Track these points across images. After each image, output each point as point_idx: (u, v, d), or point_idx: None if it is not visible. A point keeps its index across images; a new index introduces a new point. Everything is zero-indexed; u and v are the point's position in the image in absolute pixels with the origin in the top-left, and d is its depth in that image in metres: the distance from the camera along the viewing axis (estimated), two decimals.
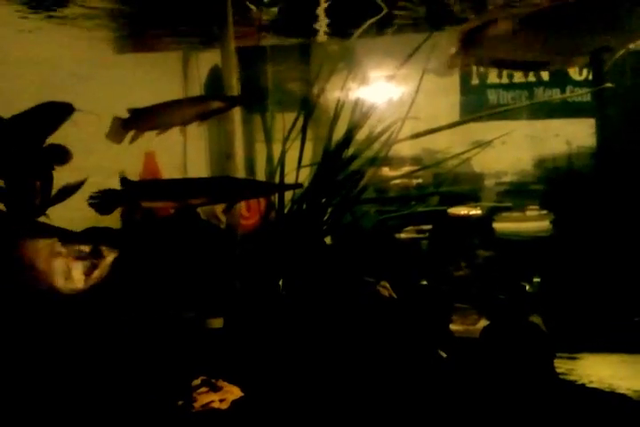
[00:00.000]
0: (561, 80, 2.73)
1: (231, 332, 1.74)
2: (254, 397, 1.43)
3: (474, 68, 2.84)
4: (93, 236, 1.75)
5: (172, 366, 1.55)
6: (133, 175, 2.39)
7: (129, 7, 2.08)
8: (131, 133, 1.72)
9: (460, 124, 1.90)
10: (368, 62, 2.10)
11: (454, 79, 2.76)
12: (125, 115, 1.70)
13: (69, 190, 1.77)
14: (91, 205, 1.63)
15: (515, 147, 2.24)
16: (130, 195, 1.62)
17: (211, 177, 1.90)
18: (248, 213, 2.25)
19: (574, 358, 1.65)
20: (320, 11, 2.24)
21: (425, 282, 1.80)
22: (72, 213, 1.90)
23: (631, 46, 1.77)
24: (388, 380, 1.45)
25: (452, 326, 1.71)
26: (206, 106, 1.71)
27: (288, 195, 1.90)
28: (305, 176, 1.86)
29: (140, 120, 1.71)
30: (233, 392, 1.43)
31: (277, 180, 1.89)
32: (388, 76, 1.89)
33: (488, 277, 1.85)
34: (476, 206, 1.92)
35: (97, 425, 1.36)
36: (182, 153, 2.62)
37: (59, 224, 1.88)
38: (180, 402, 1.40)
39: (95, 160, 1.93)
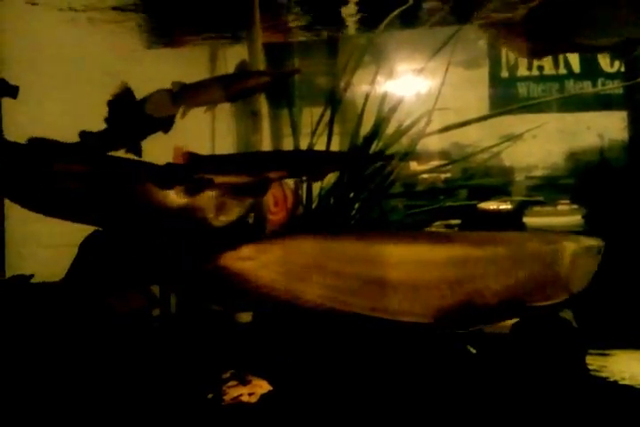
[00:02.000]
0: (592, 72, 2.68)
1: (260, 327, 1.75)
2: (282, 391, 1.43)
3: (503, 59, 2.81)
4: None
5: (203, 360, 1.56)
6: None
7: (158, 4, 2.10)
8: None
9: (489, 117, 1.88)
10: (395, 56, 2.08)
11: (483, 72, 2.74)
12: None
13: None
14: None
15: (545, 140, 2.21)
16: (196, 170, 1.49)
17: (287, 150, 1.81)
18: (276, 207, 2.25)
19: (606, 355, 1.62)
20: (349, 4, 2.23)
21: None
22: None
23: None
24: (418, 375, 1.44)
25: None
26: (248, 81, 1.70)
27: (315, 190, 1.89)
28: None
29: (188, 96, 1.69)
30: (262, 386, 1.44)
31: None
32: (416, 70, 1.87)
33: None
34: (505, 201, 1.89)
35: (133, 415, 1.37)
36: (211, 148, 2.63)
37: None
38: (211, 395, 1.41)
39: (124, 155, 1.95)
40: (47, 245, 1.94)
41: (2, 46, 1.86)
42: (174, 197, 1.41)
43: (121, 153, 1.76)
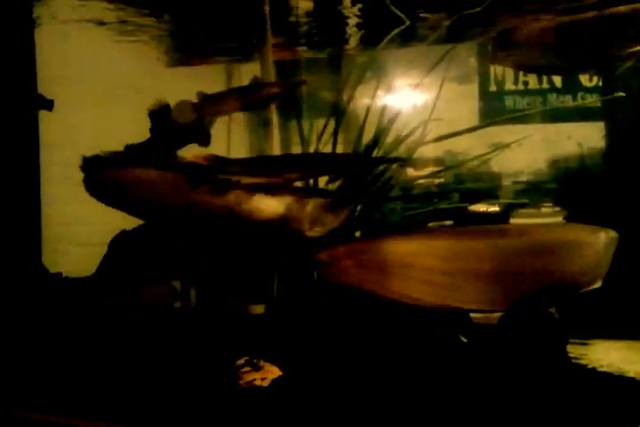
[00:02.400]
0: (573, 86, 2.68)
1: (271, 317, 1.75)
2: (292, 376, 1.44)
3: (492, 75, 2.81)
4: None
5: (220, 347, 1.56)
6: None
7: (178, 25, 2.11)
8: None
9: (479, 128, 1.88)
10: (394, 72, 2.09)
11: (473, 87, 2.74)
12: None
13: None
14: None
15: (530, 148, 2.21)
16: (219, 172, 1.46)
17: (306, 152, 1.79)
18: None
19: (586, 344, 1.62)
20: (350, 24, 2.24)
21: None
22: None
23: None
24: (416, 363, 1.44)
25: (472, 314, 1.69)
26: (261, 91, 1.70)
27: None
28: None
29: (209, 105, 1.69)
30: (273, 372, 1.44)
31: (311, 180, 1.88)
32: (413, 85, 1.88)
33: None
34: (494, 203, 1.89)
35: (159, 399, 1.38)
36: (227, 154, 2.64)
37: (116, 220, 1.91)
38: (226, 380, 1.41)
39: None
40: (80, 243, 1.95)
41: (40, 65, 1.87)
42: (275, 207, 1.38)
43: None
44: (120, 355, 1.55)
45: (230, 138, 2.57)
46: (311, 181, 1.79)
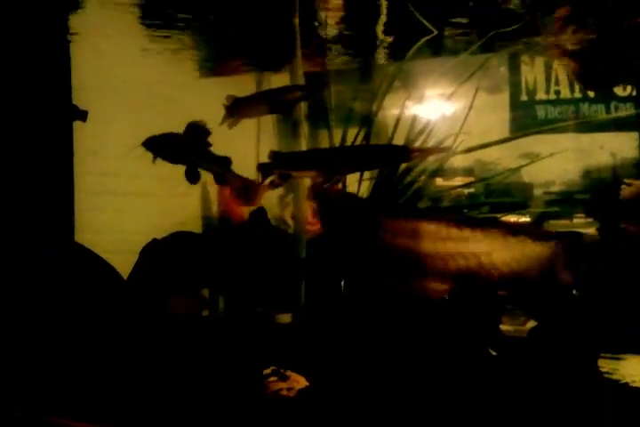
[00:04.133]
0: (606, 96, 2.64)
1: (298, 327, 1.76)
2: (318, 386, 1.44)
3: (523, 84, 2.79)
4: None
5: (247, 356, 1.57)
6: (213, 185, 2.46)
7: (210, 37, 2.15)
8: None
9: (510, 140, 1.87)
10: (423, 82, 2.09)
11: (504, 96, 2.72)
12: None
13: None
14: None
15: (562, 159, 2.18)
16: (279, 166, 1.57)
17: (355, 145, 1.81)
18: (313, 218, 2.26)
19: (618, 359, 1.59)
20: (379, 34, 2.25)
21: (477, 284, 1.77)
22: (161, 220, 1.97)
23: None
24: (442, 374, 1.43)
25: (502, 326, 1.67)
26: (287, 95, 1.74)
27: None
28: (366, 187, 1.86)
29: (239, 108, 1.74)
30: (299, 382, 1.44)
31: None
32: (444, 95, 1.87)
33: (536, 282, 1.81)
34: (525, 214, 1.87)
35: (185, 407, 1.40)
36: (255, 163, 2.66)
37: (147, 228, 1.94)
38: (253, 389, 1.42)
39: (181, 172, 1.99)
40: (112, 251, 1.98)
41: (74, 77, 1.93)
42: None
43: None
44: (150, 362, 1.57)
45: (260, 150, 2.60)
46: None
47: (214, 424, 1.32)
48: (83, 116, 1.78)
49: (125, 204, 2.13)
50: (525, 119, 2.70)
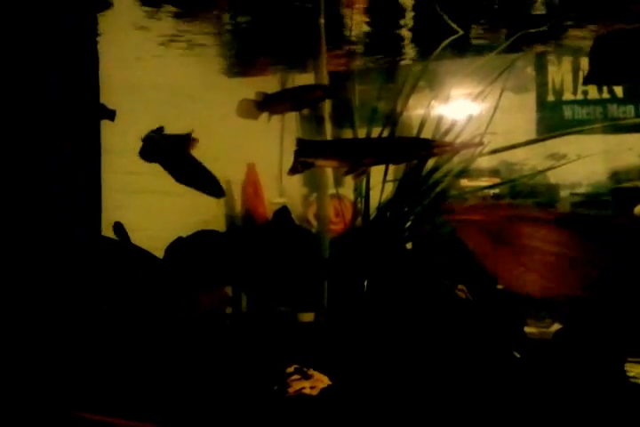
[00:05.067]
0: (634, 97, 2.61)
1: (321, 326, 1.77)
2: (341, 385, 1.44)
3: (550, 84, 2.76)
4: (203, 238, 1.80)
5: (269, 354, 1.58)
6: (237, 184, 2.48)
7: (237, 37, 2.16)
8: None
9: (537, 141, 1.85)
10: (448, 82, 2.08)
11: (530, 96, 2.70)
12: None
13: None
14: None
15: (589, 160, 2.16)
16: (303, 155, 1.54)
17: (383, 137, 1.80)
18: (336, 218, 2.27)
19: None
20: (404, 35, 2.24)
21: (501, 286, 1.76)
22: (185, 218, 1.99)
23: None
24: (466, 376, 1.43)
25: (527, 329, 1.66)
26: (310, 93, 1.76)
27: (373, 204, 1.90)
28: (390, 188, 1.86)
29: (270, 104, 1.75)
30: (322, 381, 1.45)
31: (364, 191, 1.89)
32: (470, 95, 1.87)
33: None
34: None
35: (207, 405, 1.41)
36: (279, 164, 2.68)
37: (172, 227, 1.97)
38: (276, 387, 1.43)
39: None
40: None
41: (102, 75, 1.95)
42: None
43: None
44: (171, 359, 1.59)
45: (283, 149, 2.61)
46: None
47: (237, 422, 1.34)
48: (111, 115, 1.81)
49: (150, 202, 2.16)
50: (552, 120, 2.67)
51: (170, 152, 1.89)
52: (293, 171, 1.54)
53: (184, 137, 1.92)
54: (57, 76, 1.80)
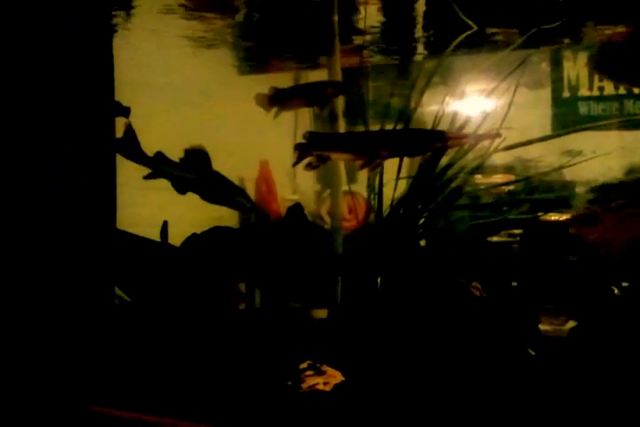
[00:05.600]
0: None
1: (334, 322, 1.77)
2: (354, 381, 1.45)
3: (565, 80, 2.74)
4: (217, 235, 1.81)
5: (283, 351, 1.59)
6: (250, 181, 2.48)
7: (250, 34, 2.17)
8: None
9: (552, 137, 1.84)
10: (462, 78, 2.07)
11: (545, 92, 2.68)
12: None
13: None
14: (294, 164, 1.59)
15: (605, 156, 2.14)
16: (317, 147, 1.54)
17: (399, 129, 1.80)
18: (349, 215, 2.27)
19: None
20: (418, 31, 2.24)
21: (515, 283, 1.75)
22: (199, 214, 2.00)
23: None
24: (479, 373, 1.42)
25: (542, 326, 1.65)
26: (322, 90, 1.76)
27: (386, 201, 1.90)
28: (403, 184, 1.86)
29: (282, 99, 1.75)
30: (336, 376, 1.45)
31: (377, 187, 1.89)
32: (484, 91, 1.86)
33: (576, 281, 1.78)
34: (566, 212, 1.85)
35: (221, 400, 1.42)
36: (292, 159, 2.68)
37: (186, 223, 1.98)
38: (289, 383, 1.44)
39: (219, 168, 2.01)
40: None
41: (117, 73, 1.96)
42: None
43: None
44: (186, 354, 1.60)
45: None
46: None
47: (251, 417, 1.34)
48: (126, 112, 1.82)
49: (164, 199, 2.16)
50: (568, 116, 2.65)
51: (186, 174, 1.89)
52: (310, 167, 1.54)
53: (198, 152, 1.91)
54: (72, 74, 1.81)
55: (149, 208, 2.17)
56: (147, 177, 1.87)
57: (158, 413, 1.37)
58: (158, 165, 1.85)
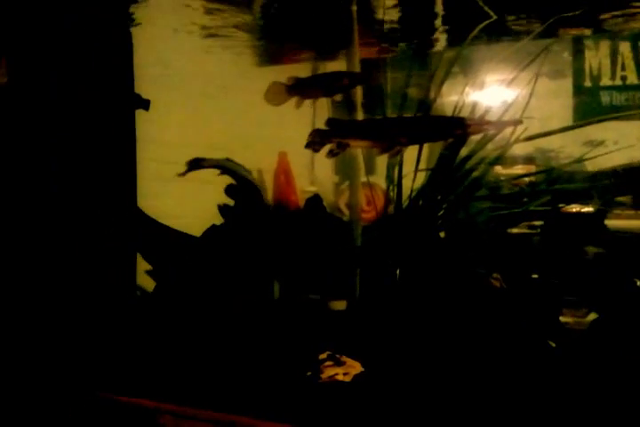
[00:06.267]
0: None
1: (353, 314, 1.77)
2: (374, 372, 1.45)
3: (587, 70, 2.70)
4: None
5: (303, 342, 1.60)
6: (269, 173, 2.49)
7: (268, 25, 2.17)
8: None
9: (573, 128, 1.81)
10: (482, 68, 2.05)
11: (567, 82, 2.64)
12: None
13: None
14: (307, 145, 1.57)
15: (628, 146, 2.10)
16: (336, 134, 1.53)
17: (419, 115, 1.78)
18: (368, 206, 2.26)
19: None
20: (437, 21, 2.21)
21: (536, 275, 1.74)
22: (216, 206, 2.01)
23: None
24: (500, 365, 1.42)
25: (563, 318, 1.64)
26: (342, 79, 1.75)
27: (405, 192, 1.89)
28: (422, 175, 1.85)
29: (301, 88, 1.75)
30: (355, 367, 1.46)
31: (396, 178, 1.88)
32: (504, 80, 1.84)
33: (598, 273, 1.76)
34: (588, 204, 1.82)
35: (241, 390, 1.43)
36: (311, 153, 2.67)
37: (206, 215, 1.99)
38: (309, 373, 1.44)
39: (238, 160, 2.02)
40: None
41: (136, 66, 1.97)
42: None
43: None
44: (207, 345, 1.61)
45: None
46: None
47: (271, 407, 1.35)
48: (145, 104, 1.83)
49: (184, 190, 2.18)
50: (589, 106, 2.61)
51: None
52: (331, 154, 1.53)
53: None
54: (92, 67, 1.82)
55: (170, 200, 2.19)
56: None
57: (180, 403, 1.39)
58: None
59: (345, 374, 1.43)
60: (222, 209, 1.88)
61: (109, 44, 1.91)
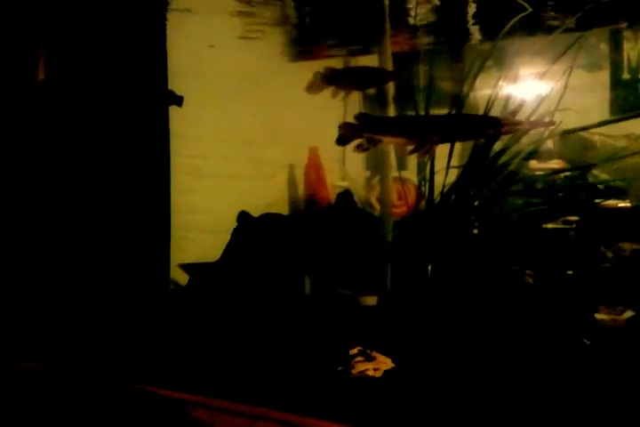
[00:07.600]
0: None
1: (384, 309, 1.76)
2: (405, 368, 1.44)
3: (624, 62, 2.63)
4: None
5: (334, 337, 1.60)
6: (300, 168, 2.50)
7: (299, 21, 2.17)
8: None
9: (610, 122, 1.77)
10: (517, 61, 2.01)
11: (604, 75, 2.57)
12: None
13: None
14: (337, 140, 1.55)
15: None
16: (367, 129, 1.50)
17: (451, 114, 1.76)
18: (399, 201, 2.25)
19: None
20: (471, 14, 2.18)
21: (571, 272, 1.71)
22: (250, 201, 2.02)
23: None
24: (534, 362, 1.40)
25: (598, 316, 1.61)
26: (374, 74, 1.76)
27: (437, 187, 1.87)
28: (454, 171, 1.83)
29: (336, 79, 1.75)
30: (386, 363, 1.45)
31: (427, 175, 1.86)
32: (538, 73, 1.80)
33: (635, 269, 1.72)
34: (625, 199, 1.78)
35: (271, 384, 1.44)
36: (342, 148, 2.67)
37: (238, 210, 2.00)
38: (340, 368, 1.44)
39: (269, 155, 2.03)
40: (206, 230, 2.06)
41: (170, 63, 1.99)
42: None
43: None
44: (239, 340, 1.63)
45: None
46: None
47: (301, 401, 1.36)
48: (179, 101, 1.85)
49: (217, 185, 2.20)
50: (627, 99, 2.54)
51: None
52: (361, 148, 1.51)
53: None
54: (127, 64, 1.85)
55: (201, 195, 2.21)
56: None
57: (213, 396, 1.40)
58: None
59: (375, 369, 1.43)
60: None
61: (144, 41, 1.94)
